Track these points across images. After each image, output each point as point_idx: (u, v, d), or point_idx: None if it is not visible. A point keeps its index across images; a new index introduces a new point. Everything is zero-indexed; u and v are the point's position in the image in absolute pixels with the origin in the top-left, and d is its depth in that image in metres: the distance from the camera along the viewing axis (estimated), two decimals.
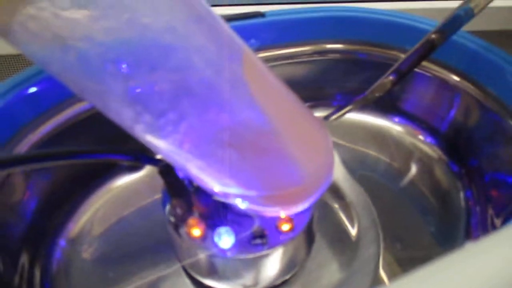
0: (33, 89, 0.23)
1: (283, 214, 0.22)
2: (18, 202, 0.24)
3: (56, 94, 0.24)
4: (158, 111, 0.17)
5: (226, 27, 0.19)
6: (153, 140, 0.18)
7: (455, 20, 0.25)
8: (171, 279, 0.25)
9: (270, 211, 0.21)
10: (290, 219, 0.23)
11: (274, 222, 0.23)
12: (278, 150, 0.19)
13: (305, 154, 0.20)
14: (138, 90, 0.17)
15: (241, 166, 0.19)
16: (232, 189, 0.20)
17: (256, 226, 0.23)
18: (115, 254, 0.25)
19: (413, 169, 0.30)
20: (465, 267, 0.13)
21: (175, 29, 0.17)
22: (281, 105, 0.20)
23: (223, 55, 0.18)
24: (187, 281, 0.25)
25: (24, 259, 0.23)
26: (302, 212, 0.23)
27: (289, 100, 0.21)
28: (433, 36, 0.25)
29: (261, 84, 0.19)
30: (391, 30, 0.29)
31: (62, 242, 0.25)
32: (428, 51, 0.26)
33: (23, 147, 0.23)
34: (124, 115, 0.18)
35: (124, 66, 0.16)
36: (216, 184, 0.20)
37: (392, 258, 0.26)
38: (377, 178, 0.30)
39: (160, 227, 0.26)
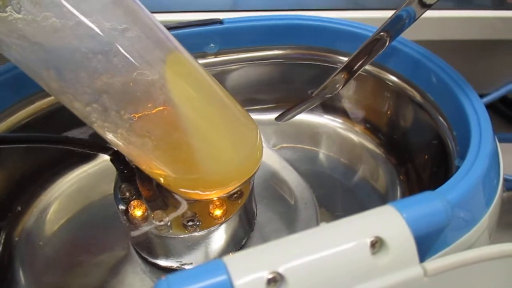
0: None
1: (203, 197, 0.25)
2: None
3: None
4: (84, 101, 0.20)
5: (157, 31, 0.22)
6: (87, 122, 0.22)
7: (398, 20, 0.26)
8: (125, 259, 0.28)
9: (186, 193, 0.24)
10: (221, 205, 0.25)
11: (207, 207, 0.25)
12: (189, 142, 0.22)
13: (223, 148, 0.23)
14: (65, 83, 0.20)
15: (156, 152, 0.21)
16: (156, 171, 0.23)
17: (189, 210, 0.25)
18: (74, 232, 0.29)
19: (359, 163, 0.32)
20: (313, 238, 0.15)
21: (100, 36, 0.20)
22: (206, 104, 0.23)
23: (145, 57, 0.21)
24: (139, 260, 0.28)
25: None
26: (234, 200, 0.26)
27: (217, 98, 0.23)
28: (379, 35, 0.27)
29: (186, 82, 0.22)
30: (337, 36, 0.31)
31: (28, 217, 0.29)
32: (375, 49, 0.27)
33: None
34: (63, 100, 0.21)
35: (50, 62, 0.19)
36: (145, 167, 0.23)
37: None
38: (327, 174, 0.32)
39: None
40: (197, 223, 0.25)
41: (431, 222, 0.16)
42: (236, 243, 0.27)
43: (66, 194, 0.30)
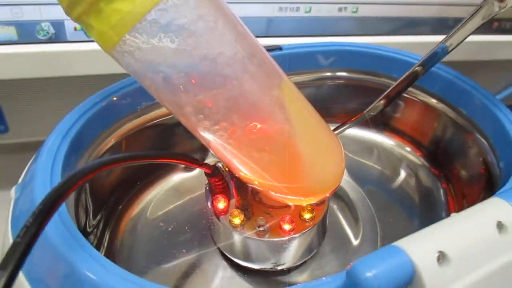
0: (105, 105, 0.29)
1: (303, 203, 0.28)
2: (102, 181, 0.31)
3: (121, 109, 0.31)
4: (214, 121, 0.23)
5: (269, 58, 0.25)
6: (208, 139, 0.24)
7: (434, 56, 0.32)
8: (208, 258, 0.31)
9: (291, 199, 0.27)
10: (312, 210, 0.29)
11: (298, 212, 0.29)
12: (300, 156, 0.25)
13: (322, 161, 0.27)
14: (201, 105, 0.23)
15: (270, 165, 0.25)
16: (261, 180, 0.26)
17: (285, 216, 0.28)
18: (166, 231, 0.32)
19: (401, 175, 0.37)
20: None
21: (234, 61, 0.23)
22: (309, 123, 0.26)
23: (267, 82, 0.24)
24: (223, 261, 0.31)
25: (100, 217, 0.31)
26: (319, 206, 0.29)
27: (315, 118, 0.27)
28: (416, 68, 0.32)
29: (294, 104, 0.26)
30: (381, 61, 0.36)
31: (127, 217, 0.32)
32: (412, 80, 0.33)
33: (102, 149, 0.29)
34: (190, 120, 0.24)
35: (193, 86, 0.22)
36: (252, 177, 0.26)
37: None
38: (371, 183, 0.37)
39: (203, 215, 0.32)
40: (292, 227, 0.28)
41: None
42: (319, 244, 0.31)
43: (162, 195, 0.35)
